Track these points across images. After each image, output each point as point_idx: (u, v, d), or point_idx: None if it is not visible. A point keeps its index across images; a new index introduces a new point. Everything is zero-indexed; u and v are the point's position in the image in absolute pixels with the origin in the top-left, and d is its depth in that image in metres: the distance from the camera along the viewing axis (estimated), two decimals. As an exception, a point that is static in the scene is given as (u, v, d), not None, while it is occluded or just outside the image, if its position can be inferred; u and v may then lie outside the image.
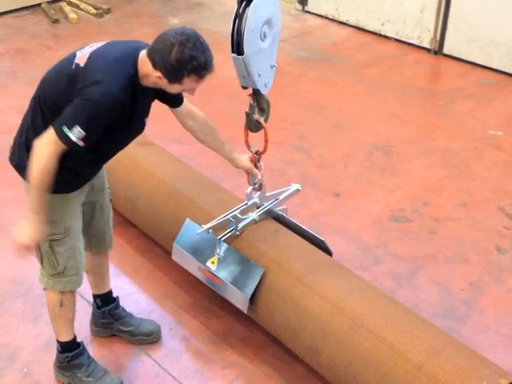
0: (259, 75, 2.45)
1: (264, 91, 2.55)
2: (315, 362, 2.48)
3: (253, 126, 2.62)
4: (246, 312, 2.63)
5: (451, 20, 5.43)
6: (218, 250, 2.66)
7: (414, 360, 2.18)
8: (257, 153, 2.66)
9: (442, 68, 5.50)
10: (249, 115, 2.59)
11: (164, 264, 3.19)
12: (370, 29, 6.01)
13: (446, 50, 5.55)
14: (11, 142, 2.36)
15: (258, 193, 2.74)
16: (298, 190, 2.88)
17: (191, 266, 2.80)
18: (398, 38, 5.84)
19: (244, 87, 2.51)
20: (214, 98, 4.77)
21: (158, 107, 2.43)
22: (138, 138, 3.39)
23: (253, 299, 2.57)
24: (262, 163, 2.69)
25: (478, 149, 4.26)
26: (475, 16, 5.27)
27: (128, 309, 2.87)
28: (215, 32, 5.95)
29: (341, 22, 6.21)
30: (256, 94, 2.56)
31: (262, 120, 2.61)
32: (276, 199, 2.81)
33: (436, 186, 3.87)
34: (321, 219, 3.54)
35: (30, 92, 5.04)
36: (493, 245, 3.38)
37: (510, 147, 4.27)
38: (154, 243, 3.31)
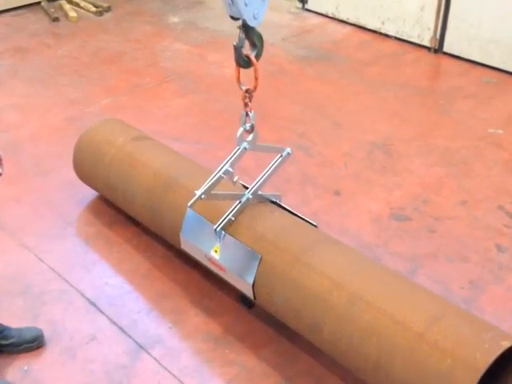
0: (246, 4, 2.27)
1: (252, 23, 2.37)
2: (317, 339, 2.48)
3: (241, 61, 2.47)
4: (253, 298, 2.65)
5: (451, 18, 5.42)
6: (218, 239, 2.67)
7: (414, 329, 2.18)
8: (247, 91, 2.53)
9: (442, 66, 5.50)
10: (237, 49, 2.44)
11: (163, 262, 3.20)
12: (370, 27, 6.00)
13: (446, 49, 5.55)
14: (11, 140, 2.36)
15: (250, 136, 2.63)
16: (288, 153, 2.78)
17: (198, 254, 2.82)
18: (398, 36, 5.83)
19: (233, 18, 2.37)
20: (215, 97, 4.77)
21: (157, 108, 2.44)
22: (133, 133, 3.42)
23: (253, 283, 2.58)
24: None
25: (478, 147, 4.25)
26: (475, 14, 5.26)
27: (127, 307, 2.88)
28: (215, 30, 5.95)
29: (341, 21, 6.20)
30: (245, 27, 2.40)
31: (251, 56, 2.46)
32: (267, 171, 2.74)
33: (436, 185, 3.87)
34: (321, 218, 3.54)
35: (30, 91, 5.06)
36: (493, 243, 3.38)
37: (509, 146, 4.27)
38: (153, 242, 3.31)
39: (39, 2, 6.41)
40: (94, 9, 6.31)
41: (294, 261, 2.51)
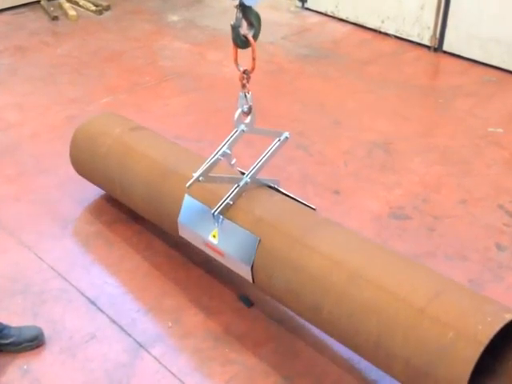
0: None
1: (249, 2, 2.38)
2: (317, 320, 2.48)
3: (239, 40, 2.48)
4: (251, 281, 2.64)
5: (451, 17, 5.42)
6: (216, 224, 2.66)
7: (414, 305, 2.17)
8: (245, 72, 2.53)
9: (441, 65, 5.50)
10: (234, 28, 2.44)
11: (164, 261, 3.19)
12: (369, 26, 6.00)
13: (445, 48, 5.54)
14: (11, 139, 2.36)
15: (248, 118, 2.63)
16: (286, 137, 2.78)
17: (196, 240, 2.81)
18: (397, 35, 5.83)
19: None
20: (214, 96, 4.77)
21: (157, 107, 2.45)
22: (130, 124, 3.41)
23: (252, 265, 2.58)
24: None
25: (477, 146, 4.25)
26: (475, 13, 5.26)
27: (127, 306, 2.88)
28: (215, 29, 5.95)
29: (340, 19, 6.20)
30: (242, 6, 2.41)
31: (249, 36, 2.47)
32: (264, 155, 2.74)
33: (436, 184, 3.87)
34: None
35: (29, 89, 5.06)
36: (492, 242, 3.38)
37: (509, 144, 4.27)
38: (153, 241, 3.31)
39: (39, 1, 6.40)
40: (93, 7, 6.31)
41: (293, 243, 2.50)
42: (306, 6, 6.48)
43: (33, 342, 2.69)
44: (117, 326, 2.83)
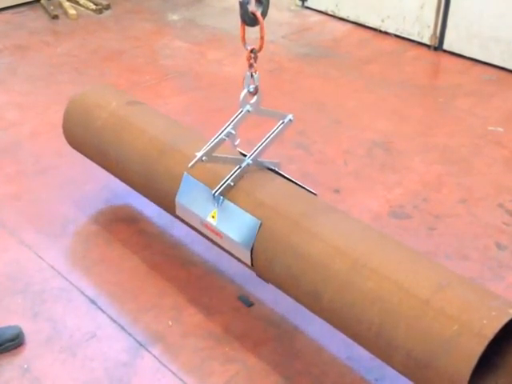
0: None
1: None
2: (317, 308, 2.44)
3: (247, 18, 2.46)
4: (250, 264, 2.61)
5: (451, 16, 5.42)
6: (216, 205, 2.64)
7: (419, 296, 2.15)
8: (252, 51, 2.50)
9: (442, 64, 5.50)
10: (242, 4, 2.42)
11: (163, 261, 3.20)
12: (369, 25, 6.00)
13: (446, 47, 5.55)
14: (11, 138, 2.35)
15: (254, 98, 2.60)
16: (290, 120, 2.76)
17: (194, 220, 2.77)
18: (397, 34, 5.83)
19: None
20: (214, 95, 4.77)
21: (157, 106, 2.46)
22: (127, 98, 3.37)
23: (252, 249, 2.54)
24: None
25: (477, 145, 4.25)
26: (475, 12, 5.26)
27: (127, 305, 2.88)
28: (215, 28, 5.95)
29: (341, 18, 6.20)
30: None
31: (258, 13, 2.46)
32: (267, 137, 2.71)
33: (436, 183, 3.87)
34: (320, 215, 3.53)
35: (29, 88, 5.06)
36: (492, 241, 3.38)
37: (509, 143, 4.27)
38: (153, 240, 3.31)
39: (39, 0, 6.40)
40: (93, 6, 6.31)
41: (294, 227, 2.46)
42: (307, 4, 6.48)
43: (14, 341, 2.68)
44: (117, 325, 2.83)
